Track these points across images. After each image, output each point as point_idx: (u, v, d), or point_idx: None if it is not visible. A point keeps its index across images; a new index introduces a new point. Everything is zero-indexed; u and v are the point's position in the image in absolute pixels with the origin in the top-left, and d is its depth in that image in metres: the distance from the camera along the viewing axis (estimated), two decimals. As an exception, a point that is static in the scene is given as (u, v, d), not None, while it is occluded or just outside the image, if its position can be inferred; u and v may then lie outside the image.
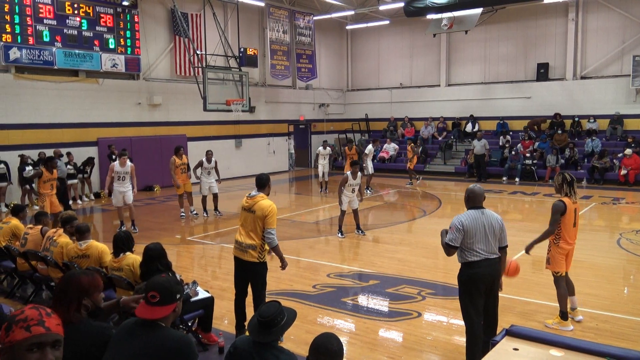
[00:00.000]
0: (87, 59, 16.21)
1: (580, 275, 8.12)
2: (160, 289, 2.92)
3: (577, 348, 3.15)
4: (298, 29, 23.38)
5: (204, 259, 9.83)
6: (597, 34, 20.39)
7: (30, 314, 2.04)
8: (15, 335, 1.99)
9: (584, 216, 12.84)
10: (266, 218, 5.45)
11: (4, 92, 14.64)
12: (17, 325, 2.00)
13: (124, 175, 11.37)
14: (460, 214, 4.89)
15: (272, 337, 3.09)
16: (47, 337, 2.03)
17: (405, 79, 25.51)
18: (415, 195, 16.86)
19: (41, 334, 2.01)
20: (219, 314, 6.21)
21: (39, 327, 2.02)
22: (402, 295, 7.14)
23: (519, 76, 22.26)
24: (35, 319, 2.03)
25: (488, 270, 4.76)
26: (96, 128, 16.85)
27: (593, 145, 19.03)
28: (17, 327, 2.00)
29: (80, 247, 6.03)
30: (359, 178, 10.63)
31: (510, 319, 5.96)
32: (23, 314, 2.04)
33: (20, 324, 2.01)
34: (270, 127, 23.10)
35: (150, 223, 12.54)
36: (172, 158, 12.76)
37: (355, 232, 10.99)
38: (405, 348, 5.53)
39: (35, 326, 2.01)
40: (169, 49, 19.04)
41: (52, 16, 15.32)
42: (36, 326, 2.01)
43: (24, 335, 1.99)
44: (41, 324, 2.02)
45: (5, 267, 7.64)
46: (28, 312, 2.05)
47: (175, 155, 12.76)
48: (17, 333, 1.99)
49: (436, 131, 23.53)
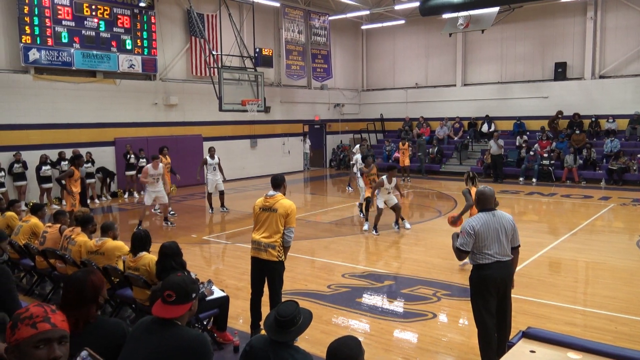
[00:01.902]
0: (104, 60, 16.40)
1: (598, 277, 8.03)
2: (176, 288, 2.94)
3: (595, 351, 3.11)
4: (313, 29, 23.39)
5: (220, 258, 9.89)
6: (616, 32, 20.10)
7: (36, 311, 2.05)
8: (21, 332, 1.99)
9: (602, 217, 12.68)
10: (288, 217, 5.53)
11: (23, 92, 14.87)
12: (23, 322, 2.01)
13: (157, 177, 11.85)
14: (470, 218, 4.85)
15: (289, 336, 3.08)
16: (54, 333, 2.03)
17: (420, 78, 25.39)
18: (430, 196, 16.78)
19: (47, 330, 2.02)
20: (234, 313, 6.23)
21: (45, 323, 2.02)
22: (417, 296, 7.11)
23: (536, 76, 22.03)
24: (40, 316, 2.03)
25: (500, 272, 4.70)
26: (113, 128, 17.03)
27: (612, 145, 18.76)
28: (23, 325, 2.00)
29: (97, 243, 6.14)
30: (394, 182, 10.78)
31: (527, 320, 5.89)
32: (28, 312, 2.04)
33: (26, 322, 2.01)
34: (285, 127, 23.15)
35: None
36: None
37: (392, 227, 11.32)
38: (421, 349, 5.50)
39: (41, 323, 2.01)
40: (185, 50, 19.17)
41: (70, 17, 15.52)
42: (42, 323, 2.02)
43: (30, 332, 1.99)
44: (47, 321, 2.03)
45: (24, 265, 7.77)
46: (33, 309, 2.06)
47: (160, 155, 13.02)
48: (24, 330, 1.99)
49: (452, 131, 23.38)
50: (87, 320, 2.83)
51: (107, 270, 5.98)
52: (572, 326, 5.95)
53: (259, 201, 5.71)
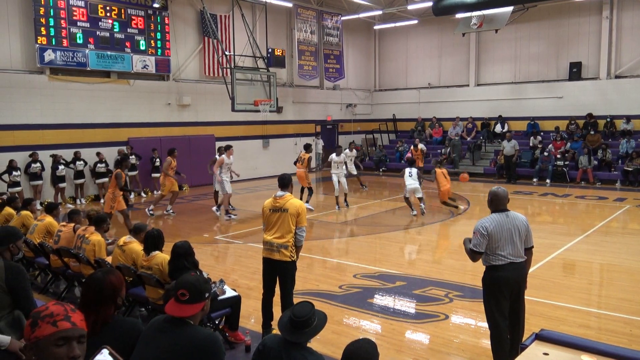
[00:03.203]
0: (118, 61, 16.55)
1: (614, 280, 7.95)
2: (189, 288, 2.96)
3: (610, 354, 3.08)
4: (326, 29, 23.39)
5: (232, 258, 9.92)
6: (632, 32, 19.85)
7: (56, 310, 2.06)
8: (42, 330, 2.01)
9: (617, 219, 12.54)
10: (299, 216, 5.55)
11: (39, 93, 15.05)
12: (44, 320, 2.02)
13: (230, 166, 13.23)
14: (483, 218, 4.78)
15: (304, 337, 3.06)
16: (74, 331, 2.05)
17: (433, 79, 25.28)
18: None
19: (68, 329, 2.03)
20: (246, 312, 6.25)
21: (66, 322, 2.04)
22: (429, 297, 7.08)
23: (550, 76, 21.83)
24: (61, 314, 2.05)
25: (513, 274, 4.65)
26: (127, 128, 17.18)
27: (627, 146, 18.53)
28: (44, 323, 2.02)
29: (126, 240, 6.20)
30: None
31: (540, 322, 5.85)
32: (48, 310, 2.06)
33: (47, 319, 2.02)
34: (297, 128, 23.17)
35: (179, 222, 12.72)
36: (169, 159, 13.27)
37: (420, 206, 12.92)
38: (432, 350, 5.48)
39: (61, 321, 2.03)
40: (198, 50, 19.28)
41: (85, 19, 15.68)
42: (62, 321, 2.03)
43: (50, 330, 2.01)
44: (67, 319, 2.05)
45: (39, 264, 7.86)
46: (53, 307, 2.08)
47: (170, 157, 13.27)
48: (44, 328, 2.01)
49: (465, 132, 23.25)
50: (105, 320, 2.86)
51: (120, 269, 6.03)
52: (586, 329, 5.89)
53: (268, 202, 5.72)
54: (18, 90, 14.63)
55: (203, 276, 3.76)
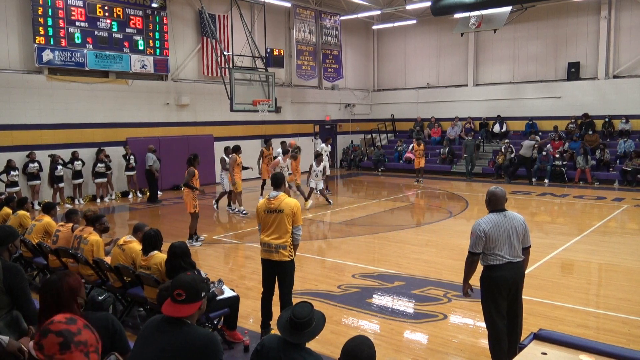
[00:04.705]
0: (117, 60, 16.53)
1: (612, 279, 7.96)
2: (186, 287, 2.95)
3: (608, 354, 3.08)
4: (324, 29, 23.40)
5: (230, 258, 9.92)
6: (631, 32, 19.88)
7: (90, 339, 1.94)
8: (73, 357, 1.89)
9: (615, 219, 12.55)
10: (295, 215, 5.55)
11: (37, 93, 15.03)
12: (78, 348, 1.91)
13: (286, 167, 14.24)
14: (480, 219, 4.76)
15: (303, 338, 3.05)
16: None
17: (432, 78, 25.30)
18: (441, 196, 16.71)
19: None
20: (244, 312, 6.25)
21: (95, 354, 1.94)
22: (427, 297, 7.08)
23: (548, 76, 21.85)
24: (93, 346, 1.95)
25: (511, 273, 4.65)
26: (125, 128, 17.16)
27: (626, 146, 18.56)
28: (77, 350, 1.90)
29: (126, 239, 6.19)
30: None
31: (538, 322, 5.85)
32: (82, 336, 1.93)
33: (81, 347, 1.91)
34: (296, 128, 23.17)
35: (178, 222, 12.71)
36: (234, 156, 13.16)
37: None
38: (431, 350, 5.48)
39: (93, 353, 1.93)
40: (197, 50, 19.27)
41: (83, 18, 15.66)
42: (94, 353, 1.93)
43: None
44: (96, 352, 1.96)
45: (37, 264, 7.84)
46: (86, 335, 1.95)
47: (236, 154, 13.21)
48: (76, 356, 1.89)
49: (463, 131, 23.26)
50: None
51: (118, 269, 6.02)
52: (584, 328, 5.90)
53: (262, 203, 5.71)
54: (16, 90, 14.61)
55: (199, 275, 3.76)
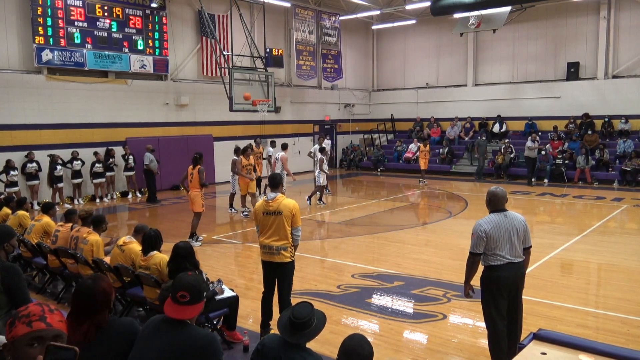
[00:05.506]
0: (116, 60, 16.52)
1: (611, 279, 7.96)
2: (190, 289, 2.94)
3: (607, 354, 3.08)
4: (324, 29, 23.39)
5: (230, 258, 9.91)
6: (630, 32, 19.89)
7: (33, 310, 2.07)
8: (17, 330, 2.02)
9: (615, 219, 12.56)
10: (294, 216, 5.55)
11: (36, 93, 15.02)
12: (20, 320, 2.03)
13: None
14: (481, 219, 4.76)
15: (303, 339, 3.04)
16: (48, 332, 2.04)
17: (431, 78, 25.30)
18: (441, 196, 16.71)
19: (41, 329, 2.03)
20: (244, 312, 6.25)
21: (40, 322, 2.04)
22: (427, 297, 7.08)
23: (548, 75, 21.85)
24: (37, 315, 2.05)
25: (511, 274, 4.65)
26: (125, 128, 17.14)
27: (625, 146, 18.57)
28: (20, 323, 2.03)
29: (126, 240, 6.17)
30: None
31: (538, 322, 5.85)
32: (27, 310, 2.07)
33: (23, 320, 2.03)
34: (295, 127, 23.17)
35: (178, 222, 12.70)
36: (240, 158, 13.11)
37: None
38: (430, 350, 5.48)
39: (36, 321, 2.03)
40: (196, 50, 19.26)
41: (82, 18, 15.65)
42: (37, 321, 2.03)
43: (25, 330, 2.01)
44: (42, 320, 2.05)
45: (37, 264, 7.84)
46: (32, 308, 2.08)
47: (242, 156, 13.12)
48: (19, 328, 2.02)
49: (463, 131, 23.26)
50: (99, 325, 2.83)
51: (118, 269, 6.02)
52: (584, 328, 5.90)
53: (260, 205, 5.69)
54: (15, 90, 14.59)
55: (200, 275, 3.75)
